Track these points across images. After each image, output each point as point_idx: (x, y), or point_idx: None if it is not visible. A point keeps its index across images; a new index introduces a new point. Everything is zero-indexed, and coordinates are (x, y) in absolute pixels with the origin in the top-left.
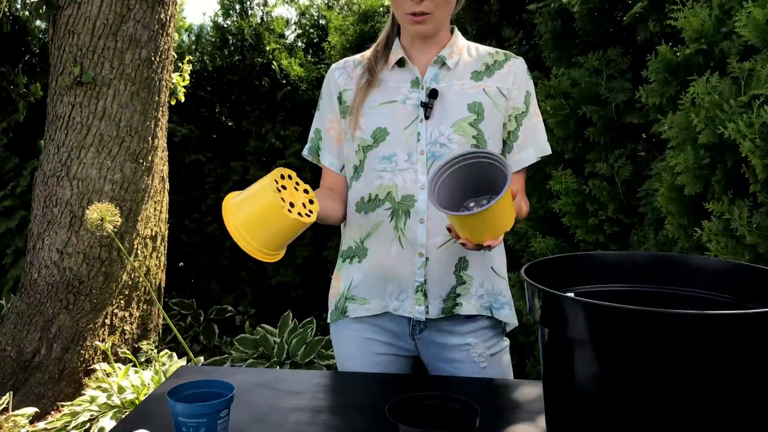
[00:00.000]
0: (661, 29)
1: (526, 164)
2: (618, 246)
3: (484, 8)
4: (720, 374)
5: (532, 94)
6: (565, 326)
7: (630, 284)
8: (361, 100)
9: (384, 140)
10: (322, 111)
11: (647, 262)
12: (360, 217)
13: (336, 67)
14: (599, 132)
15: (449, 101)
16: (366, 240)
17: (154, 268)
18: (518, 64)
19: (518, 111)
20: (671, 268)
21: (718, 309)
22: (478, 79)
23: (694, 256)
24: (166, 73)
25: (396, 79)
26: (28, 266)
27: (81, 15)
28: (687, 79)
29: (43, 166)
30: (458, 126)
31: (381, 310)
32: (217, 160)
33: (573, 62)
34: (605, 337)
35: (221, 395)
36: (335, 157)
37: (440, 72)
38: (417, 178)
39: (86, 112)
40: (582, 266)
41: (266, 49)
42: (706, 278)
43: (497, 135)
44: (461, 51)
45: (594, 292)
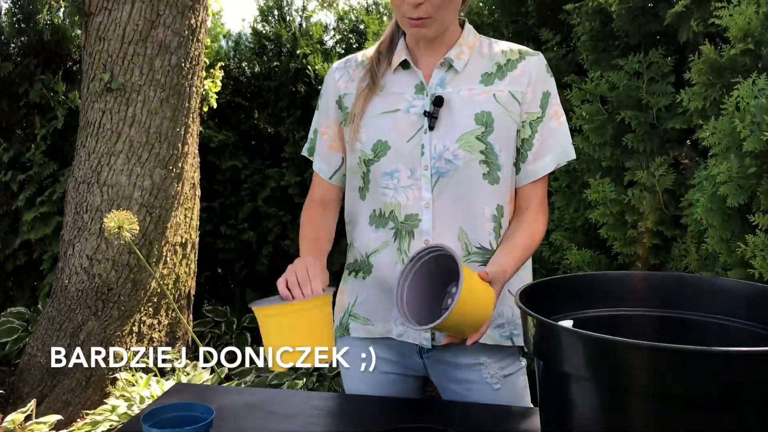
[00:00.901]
0: (704, 28)
1: (541, 174)
2: (659, 259)
3: (521, 10)
4: None
5: (551, 94)
6: (561, 360)
7: (645, 308)
8: (361, 108)
9: (385, 154)
10: (320, 113)
11: (666, 284)
12: (371, 231)
13: (337, 67)
14: (639, 138)
15: (456, 110)
16: (372, 256)
17: (184, 275)
18: (534, 62)
19: (533, 116)
20: (692, 291)
21: (747, 342)
22: (488, 83)
23: (719, 278)
24: (196, 80)
25: (399, 83)
26: (60, 272)
27: (111, 21)
28: (732, 81)
29: (75, 172)
30: (464, 141)
31: (384, 334)
32: (253, 167)
33: (612, 65)
34: (608, 377)
35: (201, 419)
36: (325, 163)
37: (447, 75)
38: (421, 195)
39: (116, 118)
40: (589, 288)
41: (300, 54)
42: (732, 303)
43: (510, 145)
44: (471, 49)
45: (600, 317)
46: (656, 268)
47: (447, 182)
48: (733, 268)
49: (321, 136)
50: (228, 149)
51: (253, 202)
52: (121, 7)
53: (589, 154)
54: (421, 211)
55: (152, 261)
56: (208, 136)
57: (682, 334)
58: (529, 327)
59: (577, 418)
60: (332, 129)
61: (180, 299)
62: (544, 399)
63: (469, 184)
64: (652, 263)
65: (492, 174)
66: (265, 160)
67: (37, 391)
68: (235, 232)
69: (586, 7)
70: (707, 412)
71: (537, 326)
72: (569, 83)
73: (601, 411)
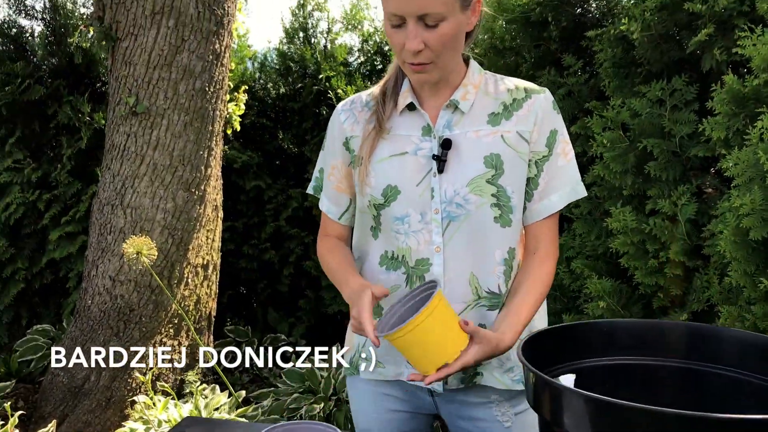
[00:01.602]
0: (728, 57)
1: (546, 214)
2: (681, 290)
3: (543, 35)
4: None
5: (558, 131)
6: (561, 419)
7: (654, 358)
8: (369, 152)
9: (395, 199)
10: (326, 153)
11: (675, 333)
12: (381, 272)
13: (342, 108)
14: (661, 167)
15: (464, 153)
16: (383, 300)
17: (205, 296)
18: (540, 100)
19: (539, 155)
20: (701, 341)
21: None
22: (495, 124)
23: (729, 328)
24: (220, 103)
25: (406, 125)
26: (83, 292)
27: (137, 46)
28: (756, 112)
29: (100, 194)
30: (474, 185)
31: (395, 377)
32: (276, 187)
33: (635, 91)
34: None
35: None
36: (333, 204)
37: (453, 117)
38: (431, 239)
39: (140, 141)
40: (596, 336)
41: (321, 77)
42: (742, 355)
43: (522, 184)
44: (476, 89)
45: (607, 366)
46: (678, 299)
47: (458, 226)
48: (757, 303)
49: (327, 177)
50: (252, 169)
51: (275, 221)
52: (146, 33)
53: (610, 182)
54: (432, 255)
55: (174, 282)
56: (232, 157)
57: (692, 385)
58: (529, 380)
59: None
60: (339, 170)
61: (200, 320)
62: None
63: (480, 228)
64: (674, 294)
65: (504, 217)
66: (289, 180)
67: (59, 411)
68: (258, 252)
69: (607, 34)
70: None
71: (536, 382)
72: (591, 109)
73: None
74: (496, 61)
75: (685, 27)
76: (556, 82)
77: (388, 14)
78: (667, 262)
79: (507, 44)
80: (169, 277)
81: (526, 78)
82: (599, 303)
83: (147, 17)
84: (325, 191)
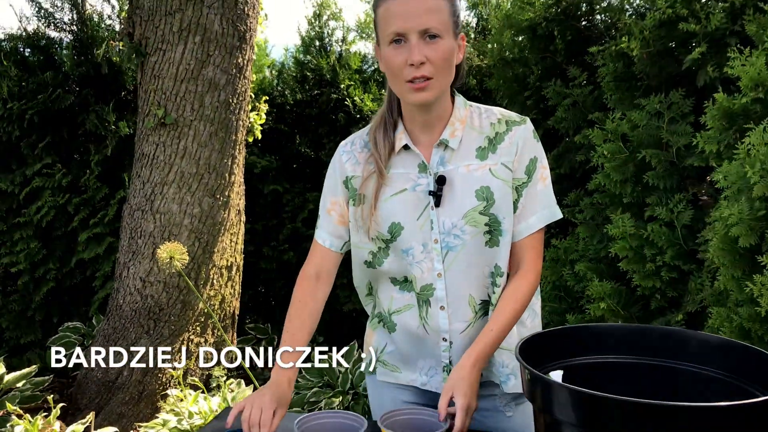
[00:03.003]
0: (720, 74)
1: (525, 235)
2: (677, 293)
3: (550, 47)
4: None
5: (538, 158)
6: (551, 408)
7: (633, 356)
8: (375, 195)
9: (400, 235)
10: (326, 191)
11: (651, 336)
12: (395, 290)
13: (344, 150)
14: (659, 176)
15: (458, 188)
16: (395, 315)
17: (229, 296)
18: (520, 131)
19: (519, 182)
20: (674, 342)
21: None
22: (483, 158)
23: (698, 331)
24: (243, 114)
25: (403, 163)
26: (115, 293)
27: (165, 61)
28: (744, 127)
29: (130, 200)
30: (469, 217)
31: (410, 383)
32: (294, 191)
33: (635, 104)
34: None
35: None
36: (334, 236)
37: (445, 154)
38: (433, 266)
39: (169, 150)
40: (584, 337)
41: (341, 86)
42: (710, 356)
43: (511, 209)
44: (463, 124)
45: (594, 364)
46: (674, 301)
47: (456, 254)
48: (743, 305)
49: (327, 212)
50: (271, 174)
51: (293, 223)
52: (174, 48)
53: (610, 190)
54: (434, 280)
55: (200, 283)
56: (252, 162)
57: (665, 381)
58: (525, 375)
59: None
60: (341, 206)
61: (225, 319)
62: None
63: (475, 253)
64: (671, 296)
65: (493, 239)
66: (306, 184)
67: (94, 403)
68: (277, 253)
69: (609, 50)
70: None
71: (530, 378)
72: (594, 120)
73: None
74: (505, 73)
75: (682, 44)
76: (561, 92)
77: (390, 34)
78: (663, 266)
79: (516, 56)
80: (195, 278)
81: (534, 89)
82: (600, 304)
83: (175, 34)
84: (324, 227)
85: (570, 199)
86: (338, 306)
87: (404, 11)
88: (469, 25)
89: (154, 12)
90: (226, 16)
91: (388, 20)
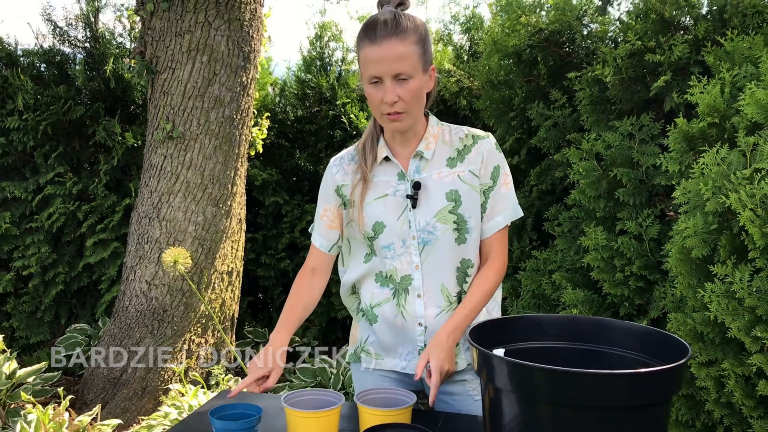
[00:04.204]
0: (684, 100)
1: (495, 230)
2: (643, 300)
3: (534, 72)
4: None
5: (501, 166)
6: (494, 378)
7: (571, 342)
8: (361, 199)
9: (383, 232)
10: (322, 199)
11: (588, 325)
12: (376, 287)
13: (334, 163)
14: (629, 193)
15: (431, 191)
16: (375, 308)
17: (229, 300)
18: (485, 144)
19: (486, 186)
20: (604, 330)
21: (630, 365)
22: (452, 166)
23: (624, 321)
24: (245, 129)
25: (385, 172)
26: (122, 295)
27: (174, 79)
28: (701, 149)
29: (138, 207)
30: (440, 215)
31: (392, 368)
32: (293, 203)
33: (609, 126)
34: (522, 389)
35: (252, 415)
36: (325, 239)
37: (420, 164)
38: (411, 259)
39: (176, 162)
40: (532, 326)
41: (338, 103)
42: (626, 339)
43: (476, 211)
44: (436, 139)
45: (538, 348)
46: (641, 308)
47: (431, 248)
48: (698, 311)
49: (320, 218)
50: (271, 186)
51: (291, 233)
52: (183, 67)
53: (585, 205)
54: (413, 271)
55: (202, 287)
56: (253, 175)
57: (595, 362)
58: (474, 354)
59: (506, 421)
60: (332, 212)
61: (225, 321)
62: (485, 408)
63: (445, 248)
64: (638, 303)
65: (461, 237)
66: (304, 196)
67: (100, 398)
68: (275, 261)
69: (586, 76)
70: (592, 416)
71: (478, 354)
72: (571, 141)
73: (521, 416)
74: (492, 94)
75: (651, 72)
76: (544, 114)
77: (369, 77)
78: (631, 276)
79: (502, 79)
80: (198, 282)
81: (518, 110)
82: (573, 310)
83: (184, 53)
84: (318, 230)
85: (550, 214)
86: (333, 313)
87: (379, 58)
88: (462, 48)
89: (165, 33)
90: (232, 38)
91: (366, 64)
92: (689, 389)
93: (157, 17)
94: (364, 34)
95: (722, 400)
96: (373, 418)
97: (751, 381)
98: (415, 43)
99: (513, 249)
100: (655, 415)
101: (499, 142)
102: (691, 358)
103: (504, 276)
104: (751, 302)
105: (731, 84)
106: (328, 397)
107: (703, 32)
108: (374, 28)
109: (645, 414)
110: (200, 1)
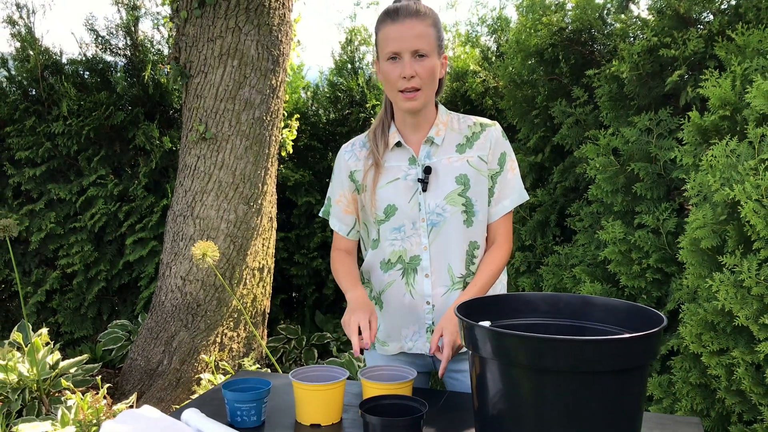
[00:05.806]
0: (698, 95)
1: (502, 214)
2: (660, 292)
3: (555, 71)
4: (580, 392)
5: (507, 153)
6: (478, 348)
7: (559, 318)
8: (373, 184)
9: (394, 215)
10: (334, 184)
11: (574, 302)
12: (382, 275)
13: (345, 150)
14: (647, 187)
15: (441, 175)
16: (383, 294)
17: (260, 295)
18: (492, 131)
19: (494, 171)
20: (589, 307)
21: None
22: (461, 152)
23: (605, 297)
24: (275, 130)
25: (396, 157)
26: (158, 290)
27: (207, 83)
28: (712, 142)
29: (173, 206)
30: (450, 198)
31: (398, 351)
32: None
33: (629, 121)
34: (504, 357)
35: (261, 388)
36: (342, 223)
37: (431, 149)
38: (421, 241)
39: (208, 162)
40: (522, 303)
41: (368, 106)
42: (609, 315)
43: (484, 195)
44: (446, 126)
45: (527, 324)
46: (659, 301)
47: (439, 230)
48: (709, 300)
49: (336, 203)
50: (304, 187)
51: (323, 233)
52: (215, 71)
53: (603, 200)
54: (421, 252)
55: (234, 282)
56: (286, 176)
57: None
58: (461, 326)
59: (490, 387)
60: (346, 197)
61: (256, 316)
62: (472, 376)
63: (454, 230)
64: (655, 296)
65: (468, 219)
66: None
67: (137, 389)
68: (307, 260)
69: (604, 72)
70: (567, 380)
71: (465, 327)
72: (590, 137)
73: (502, 380)
74: (516, 93)
75: (668, 67)
76: (566, 111)
77: (388, 53)
78: (648, 268)
79: (525, 78)
80: (230, 278)
81: (541, 108)
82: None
83: (215, 58)
84: (335, 215)
85: (573, 209)
86: None
87: (399, 35)
88: (489, 49)
89: (198, 38)
90: (262, 42)
91: (386, 42)
92: (703, 378)
93: (191, 24)
94: (386, 16)
95: (732, 388)
96: (375, 392)
97: (762, 369)
98: (432, 26)
99: (536, 245)
100: (629, 381)
101: (522, 140)
102: (665, 329)
103: (510, 258)
104: (759, 291)
105: (742, 77)
106: (333, 372)
107: (717, 26)
108: (396, 10)
109: (620, 379)
110: (231, 7)
